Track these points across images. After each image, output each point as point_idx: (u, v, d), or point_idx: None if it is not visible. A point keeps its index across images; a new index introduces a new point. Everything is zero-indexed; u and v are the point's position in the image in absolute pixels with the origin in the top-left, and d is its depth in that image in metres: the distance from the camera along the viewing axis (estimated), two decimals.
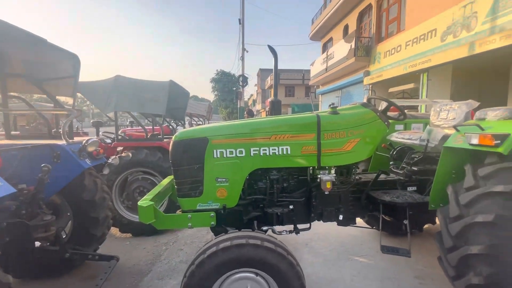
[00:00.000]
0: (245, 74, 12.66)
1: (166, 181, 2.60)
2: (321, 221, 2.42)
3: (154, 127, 5.58)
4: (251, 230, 1.93)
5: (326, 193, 2.25)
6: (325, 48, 18.80)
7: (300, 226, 2.42)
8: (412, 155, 2.73)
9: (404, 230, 2.46)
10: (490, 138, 1.73)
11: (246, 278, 1.71)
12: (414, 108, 8.66)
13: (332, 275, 2.68)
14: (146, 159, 3.75)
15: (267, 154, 2.12)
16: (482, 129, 1.89)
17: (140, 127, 5.15)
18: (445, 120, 2.68)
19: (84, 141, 2.64)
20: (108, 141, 4.96)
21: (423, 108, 8.00)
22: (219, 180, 2.11)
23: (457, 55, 7.22)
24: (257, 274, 1.70)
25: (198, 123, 10.03)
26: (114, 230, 3.98)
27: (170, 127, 5.69)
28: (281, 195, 2.31)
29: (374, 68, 11.91)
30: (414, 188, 2.56)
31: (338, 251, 3.16)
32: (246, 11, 13.43)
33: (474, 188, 1.81)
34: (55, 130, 3.17)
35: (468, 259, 1.77)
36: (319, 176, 2.21)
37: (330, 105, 2.30)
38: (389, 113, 2.46)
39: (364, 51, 12.31)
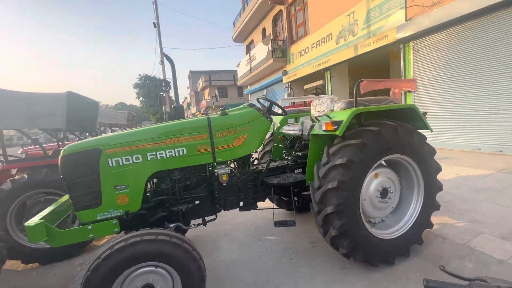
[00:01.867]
0: (167, 78, 12.33)
1: (64, 198, 2.52)
2: (225, 210, 2.74)
3: (59, 143, 5.07)
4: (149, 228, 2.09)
5: (224, 184, 2.57)
6: (248, 49, 19.71)
7: (207, 218, 2.69)
8: (297, 143, 3.31)
9: (298, 206, 2.99)
10: (331, 125, 2.31)
11: (146, 272, 1.87)
12: None
13: (244, 256, 3.04)
14: (47, 179, 3.45)
15: (164, 156, 2.31)
16: (330, 118, 2.49)
17: (50, 144, 4.61)
18: (319, 112, 3.33)
19: None
20: None
21: None
22: (118, 187, 2.19)
23: (347, 55, 8.66)
24: (156, 266, 1.88)
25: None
26: (15, 264, 3.54)
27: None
28: (184, 193, 2.53)
29: (290, 68, 13.18)
30: (300, 170, 3.12)
31: (252, 235, 3.56)
32: (166, 14, 12.96)
33: (327, 163, 2.39)
34: None
35: (327, 218, 2.34)
36: (216, 170, 2.51)
37: (220, 108, 2.63)
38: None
39: (281, 53, 13.47)
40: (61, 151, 2.12)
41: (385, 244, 2.48)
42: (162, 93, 14.23)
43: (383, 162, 2.61)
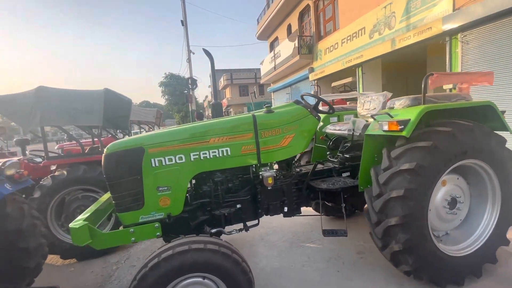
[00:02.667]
0: (194, 76, 12.38)
1: (105, 197, 2.44)
2: (268, 215, 2.54)
3: (95, 140, 5.16)
4: (195, 235, 1.94)
5: (269, 188, 2.37)
6: (272, 47, 19.41)
7: (249, 223, 2.51)
8: (345, 144, 3.03)
9: (346, 213, 2.73)
10: (396, 124, 2.02)
11: (193, 283, 1.71)
12: (355, 99, 9.51)
13: (284, 264, 2.83)
14: (85, 176, 3.45)
15: (208, 157, 2.15)
16: (391, 116, 2.19)
17: (84, 140, 4.71)
18: (368, 110, 3.03)
19: (0, 164, 2.33)
20: (39, 160, 4.43)
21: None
22: (160, 189, 2.07)
23: (383, 50, 8.12)
24: (204, 278, 1.72)
25: (149, 130, 9.55)
26: (54, 258, 3.60)
27: (117, 137, 5.32)
28: (226, 196, 2.36)
29: (317, 65, 12.73)
30: (348, 173, 2.84)
31: (291, 241, 3.34)
32: (190, 12, 13.16)
33: (389, 168, 2.10)
34: None
35: (389, 230, 2.05)
36: (260, 172, 2.32)
37: (264, 105, 2.42)
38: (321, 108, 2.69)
39: (307, 49, 13.05)
40: (105, 150, 2.02)
41: (454, 262, 2.15)
42: (187, 91, 14.37)
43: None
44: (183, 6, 12.58)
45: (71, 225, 1.83)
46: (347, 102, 5.66)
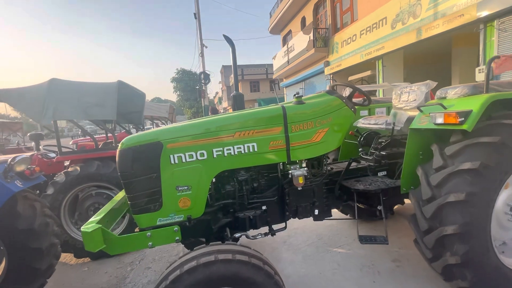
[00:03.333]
0: (206, 71, 12.16)
1: (119, 195, 2.26)
2: (297, 218, 2.29)
3: (109, 135, 5.04)
4: (220, 241, 1.71)
5: (299, 188, 2.12)
6: (285, 41, 18.96)
7: (275, 227, 2.27)
8: (379, 140, 2.72)
9: (378, 216, 2.44)
10: (455, 116, 1.71)
11: None
12: (372, 93, 9.07)
13: (312, 271, 2.58)
14: (99, 172, 3.30)
15: (232, 153, 1.91)
16: (444, 107, 1.88)
17: (98, 136, 4.59)
18: (407, 102, 2.70)
19: (9, 160, 2.18)
20: (53, 155, 4.34)
21: (381, 92, 8.38)
22: (180, 188, 1.85)
23: (407, 41, 7.64)
24: None
25: (161, 126, 9.46)
26: (68, 257, 3.49)
27: (131, 132, 5.19)
28: (252, 196, 2.13)
29: (333, 58, 12.26)
30: (384, 172, 2.54)
31: (316, 245, 3.08)
32: (201, 6, 12.89)
33: (443, 167, 1.80)
34: None
35: (444, 240, 1.76)
36: (290, 171, 2.06)
37: (295, 95, 2.16)
38: (353, 99, 2.40)
39: (323, 42, 12.59)
40: (119, 145, 1.82)
41: None
42: (198, 87, 14.20)
43: None
44: None
45: (83, 228, 1.64)
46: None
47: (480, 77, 5.77)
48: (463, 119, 1.69)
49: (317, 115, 2.07)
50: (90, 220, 1.78)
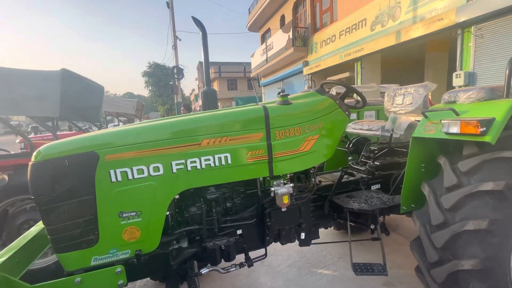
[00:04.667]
0: (180, 65, 11.38)
1: (40, 225, 1.70)
2: (279, 243, 1.89)
3: (71, 132, 4.29)
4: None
5: (283, 209, 1.71)
6: (263, 39, 18.60)
7: (252, 254, 1.84)
8: (371, 148, 2.41)
9: (372, 235, 2.12)
10: (476, 125, 1.39)
11: None
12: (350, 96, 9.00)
13: None
14: None
15: (198, 167, 1.46)
16: (457, 114, 1.57)
17: (49, 134, 3.83)
18: (401, 106, 2.41)
19: None
20: None
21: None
22: (125, 215, 1.36)
23: (386, 43, 7.60)
24: None
25: (124, 124, 8.61)
26: None
27: (90, 130, 4.46)
28: (224, 219, 1.68)
29: (312, 58, 12.11)
30: (378, 185, 2.22)
31: (298, 265, 2.70)
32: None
33: (458, 187, 1.48)
34: None
35: (458, 276, 1.44)
36: (272, 189, 1.65)
37: (279, 93, 1.74)
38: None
39: (302, 41, 12.39)
40: (33, 156, 1.27)
41: None
42: (172, 82, 13.35)
43: None
44: None
45: None
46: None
47: (457, 82, 5.81)
48: (485, 128, 1.38)
49: (307, 118, 1.68)
50: None
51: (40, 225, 1.68)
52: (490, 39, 5.33)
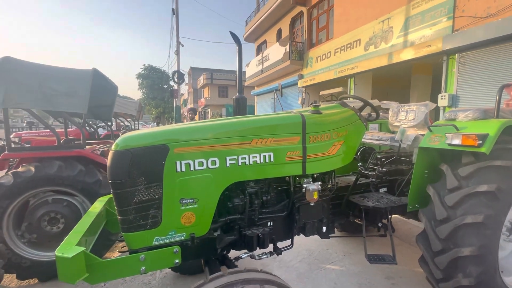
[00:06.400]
0: (181, 71, 11.55)
1: (96, 207, 1.85)
2: (303, 235, 2.13)
3: (68, 130, 4.33)
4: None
5: (311, 204, 1.97)
6: (259, 50, 19.16)
7: (279, 244, 2.08)
8: (378, 156, 2.73)
9: (378, 232, 2.41)
10: (474, 139, 1.73)
11: None
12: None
13: None
14: (60, 174, 2.74)
15: (247, 163, 1.69)
16: (457, 129, 1.92)
17: (47, 130, 3.88)
18: (404, 121, 2.77)
19: None
20: None
21: None
22: (184, 201, 1.56)
23: (378, 63, 8.21)
24: None
25: (126, 124, 8.62)
26: (8, 279, 2.81)
27: (92, 129, 4.53)
28: (260, 211, 1.91)
29: (307, 72, 12.68)
30: (385, 189, 2.54)
31: (308, 261, 2.94)
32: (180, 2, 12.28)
33: (458, 188, 1.81)
34: None
35: (458, 262, 1.75)
36: (304, 185, 1.90)
37: (312, 104, 2.03)
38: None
39: (298, 55, 12.96)
40: (113, 145, 1.47)
41: None
42: (173, 86, 13.43)
43: None
44: None
45: (58, 253, 1.25)
46: None
47: (442, 103, 6.40)
48: (481, 142, 1.73)
49: (335, 126, 1.96)
50: (66, 241, 1.39)
51: (95, 207, 1.83)
52: (471, 66, 5.97)
